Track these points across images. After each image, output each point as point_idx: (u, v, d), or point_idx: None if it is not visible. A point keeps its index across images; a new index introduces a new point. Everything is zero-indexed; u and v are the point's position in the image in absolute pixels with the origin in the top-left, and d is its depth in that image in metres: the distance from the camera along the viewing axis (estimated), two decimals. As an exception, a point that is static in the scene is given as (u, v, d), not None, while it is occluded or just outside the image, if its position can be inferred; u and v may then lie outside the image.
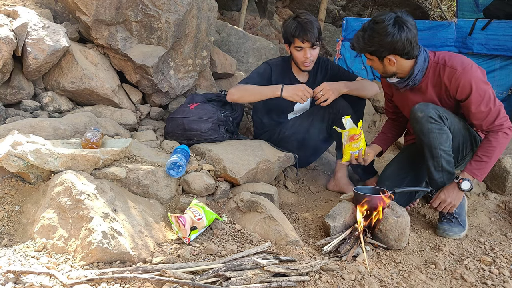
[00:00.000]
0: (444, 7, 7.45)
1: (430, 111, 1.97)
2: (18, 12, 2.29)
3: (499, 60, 3.86)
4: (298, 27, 2.44)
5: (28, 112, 2.29)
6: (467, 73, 1.96)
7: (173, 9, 2.56)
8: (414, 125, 2.04)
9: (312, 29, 2.43)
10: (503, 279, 1.72)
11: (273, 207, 2.02)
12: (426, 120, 1.97)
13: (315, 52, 2.53)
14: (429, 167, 2.08)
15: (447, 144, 2.02)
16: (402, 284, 1.65)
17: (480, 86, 1.96)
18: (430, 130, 1.98)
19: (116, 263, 1.54)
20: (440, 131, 1.99)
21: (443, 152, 2.02)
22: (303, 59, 2.51)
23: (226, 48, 3.70)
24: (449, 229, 2.09)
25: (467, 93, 1.97)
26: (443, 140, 2.00)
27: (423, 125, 1.99)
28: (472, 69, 1.98)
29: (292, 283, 1.51)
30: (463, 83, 1.97)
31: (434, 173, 2.08)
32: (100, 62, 2.54)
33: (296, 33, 2.44)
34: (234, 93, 2.54)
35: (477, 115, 2.00)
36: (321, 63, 2.74)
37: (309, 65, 2.55)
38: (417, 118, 2.00)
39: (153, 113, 2.77)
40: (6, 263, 1.46)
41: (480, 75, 1.99)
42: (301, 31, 2.42)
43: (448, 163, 2.05)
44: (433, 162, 2.05)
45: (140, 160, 2.09)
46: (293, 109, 2.70)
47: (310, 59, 2.51)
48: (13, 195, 1.79)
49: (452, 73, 1.99)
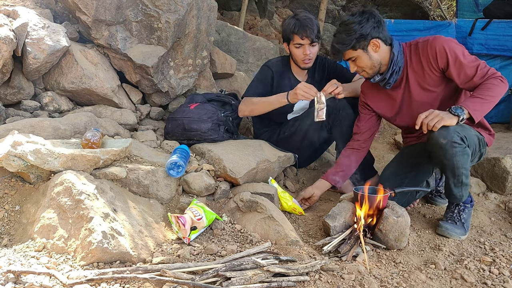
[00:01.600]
0: (444, 7, 7.44)
1: (453, 136, 1.93)
2: (18, 12, 2.29)
3: (499, 60, 3.86)
4: (297, 23, 2.45)
5: (28, 112, 2.29)
6: (438, 39, 2.05)
7: (173, 9, 2.56)
8: (437, 150, 1.98)
9: (312, 25, 2.44)
10: (503, 279, 1.72)
11: (273, 207, 2.02)
12: (451, 146, 1.94)
13: (315, 50, 2.53)
14: (449, 184, 2.07)
15: (468, 162, 2.02)
16: (402, 284, 1.65)
17: (453, 46, 2.02)
18: (454, 155, 1.95)
19: (116, 263, 1.54)
20: (463, 152, 1.96)
21: (464, 170, 2.01)
22: (303, 56, 2.51)
23: (226, 48, 3.70)
24: (451, 229, 2.09)
25: (445, 56, 2.01)
26: (465, 161, 1.99)
27: (447, 151, 1.95)
28: (441, 36, 2.06)
29: (292, 283, 1.51)
30: (438, 48, 2.02)
31: (454, 189, 2.07)
32: (100, 62, 2.54)
33: (295, 29, 2.45)
34: (244, 110, 2.59)
35: (468, 73, 1.98)
36: (318, 62, 2.75)
37: (309, 62, 2.56)
38: (441, 145, 1.95)
39: (153, 113, 2.77)
40: (6, 263, 1.46)
41: (450, 39, 2.06)
42: (300, 28, 2.43)
43: (466, 177, 2.05)
44: (454, 180, 2.04)
45: (140, 160, 2.09)
46: (293, 109, 2.70)
47: (309, 56, 2.51)
48: (13, 195, 1.79)
49: (425, 45, 2.07)
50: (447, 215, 2.16)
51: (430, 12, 7.03)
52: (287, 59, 2.70)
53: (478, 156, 2.17)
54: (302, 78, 2.69)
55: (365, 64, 2.12)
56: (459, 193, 2.08)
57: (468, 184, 2.08)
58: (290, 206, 2.24)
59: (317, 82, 2.70)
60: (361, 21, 2.04)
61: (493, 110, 2.12)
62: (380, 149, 3.56)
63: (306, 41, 2.46)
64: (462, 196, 2.10)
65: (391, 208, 1.96)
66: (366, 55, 2.09)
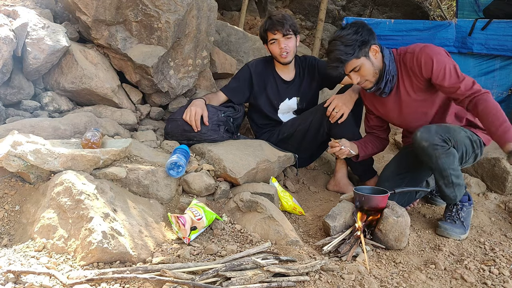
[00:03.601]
0: (444, 7, 7.44)
1: (434, 139, 1.96)
2: (18, 12, 2.29)
3: (499, 60, 3.86)
4: (268, 22, 2.58)
5: (28, 112, 2.29)
6: (425, 49, 2.05)
7: (173, 9, 2.56)
8: (420, 153, 2.03)
9: (282, 20, 2.52)
10: (503, 279, 1.72)
11: (273, 207, 2.02)
12: (433, 149, 1.97)
13: (291, 43, 2.58)
14: (440, 185, 2.08)
15: (455, 162, 2.02)
16: (402, 284, 1.65)
17: (440, 58, 2.01)
18: (438, 157, 1.98)
19: (116, 263, 1.54)
20: (447, 154, 1.98)
21: (452, 170, 2.02)
22: (279, 50, 2.57)
23: (226, 48, 3.69)
24: (451, 229, 2.09)
25: (430, 67, 2.01)
26: (451, 161, 2.00)
27: (430, 154, 1.98)
28: (429, 46, 2.06)
29: (292, 283, 1.51)
30: (424, 58, 2.03)
31: (445, 190, 2.08)
32: (100, 62, 2.54)
33: (266, 27, 2.57)
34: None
35: (451, 85, 1.99)
36: (308, 62, 2.78)
37: (287, 56, 2.59)
38: (423, 148, 1.99)
39: (153, 113, 2.77)
40: (6, 263, 1.46)
41: (438, 49, 2.05)
42: (271, 24, 2.54)
43: (457, 177, 2.05)
44: (443, 181, 2.05)
45: (140, 160, 2.09)
46: (279, 107, 2.75)
47: (285, 49, 2.56)
48: (13, 195, 1.79)
49: (412, 55, 2.08)
50: (445, 215, 2.17)
51: (430, 12, 7.02)
52: (270, 59, 2.76)
53: (473, 157, 2.17)
54: (287, 76, 2.74)
55: (368, 72, 2.10)
56: (452, 194, 2.09)
57: (461, 184, 2.09)
58: (290, 206, 2.25)
59: (306, 81, 2.77)
60: (356, 30, 2.04)
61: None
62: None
63: (279, 35, 2.53)
64: (455, 196, 2.10)
65: (391, 208, 1.96)
66: (369, 61, 2.08)
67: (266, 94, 2.72)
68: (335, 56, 2.06)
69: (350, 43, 2.03)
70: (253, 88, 2.71)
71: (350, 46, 2.03)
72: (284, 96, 2.74)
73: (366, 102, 2.43)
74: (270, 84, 2.71)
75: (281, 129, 2.71)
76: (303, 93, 2.76)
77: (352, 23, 2.09)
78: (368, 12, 6.68)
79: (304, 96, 2.77)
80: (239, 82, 2.70)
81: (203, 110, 2.41)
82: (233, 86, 2.70)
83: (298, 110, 2.78)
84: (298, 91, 2.76)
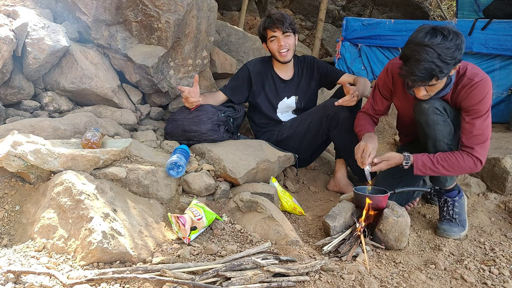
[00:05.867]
0: (444, 7, 7.45)
1: (436, 103, 1.96)
2: (18, 12, 2.29)
3: (499, 60, 3.86)
4: (267, 20, 2.59)
5: (28, 112, 2.29)
6: (484, 84, 1.89)
7: (173, 9, 2.56)
8: (420, 116, 2.01)
9: (281, 18, 2.54)
10: (503, 279, 1.72)
11: (273, 207, 2.02)
12: (432, 111, 1.96)
13: (290, 41, 2.59)
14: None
15: (450, 137, 2.02)
16: (402, 284, 1.65)
17: (486, 105, 1.90)
18: (435, 122, 1.97)
19: (116, 263, 1.54)
20: (444, 123, 1.98)
21: (446, 145, 2.02)
22: (278, 48, 2.58)
23: (226, 48, 3.69)
24: (449, 229, 2.10)
25: (472, 104, 1.90)
26: (447, 133, 2.00)
27: (429, 116, 1.97)
28: (488, 83, 1.90)
29: (292, 283, 1.51)
30: (477, 97, 1.89)
31: None
32: (100, 62, 2.54)
33: (266, 25, 2.58)
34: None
35: (472, 132, 1.92)
36: (307, 62, 2.78)
37: (286, 54, 2.60)
38: (423, 109, 1.98)
39: (153, 113, 2.77)
40: (6, 263, 1.46)
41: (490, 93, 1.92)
42: (270, 21, 2.56)
43: None
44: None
45: (140, 160, 2.09)
46: (278, 106, 2.75)
47: (284, 46, 2.57)
48: (13, 195, 1.79)
49: (470, 83, 1.91)
50: (441, 215, 2.18)
51: (430, 12, 7.03)
52: (268, 58, 2.77)
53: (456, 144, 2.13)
54: (286, 76, 2.75)
55: (437, 89, 1.92)
56: (442, 176, 2.08)
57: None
58: (290, 205, 2.25)
59: (304, 81, 2.77)
60: (458, 46, 1.75)
61: (493, 110, 2.12)
62: (380, 149, 3.55)
63: (278, 32, 2.55)
64: (445, 179, 2.10)
65: (391, 208, 1.96)
66: (445, 79, 1.89)
67: (265, 93, 2.72)
68: (426, 68, 1.75)
69: (449, 61, 1.74)
70: (252, 88, 2.72)
71: (447, 64, 1.75)
72: (282, 95, 2.74)
73: (393, 86, 2.22)
74: (268, 83, 2.72)
75: (280, 130, 2.71)
76: (302, 92, 2.77)
77: (455, 33, 1.76)
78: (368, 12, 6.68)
79: (303, 95, 2.77)
80: (238, 81, 2.71)
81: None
82: (232, 85, 2.71)
83: (297, 109, 2.78)
84: (296, 90, 2.76)
